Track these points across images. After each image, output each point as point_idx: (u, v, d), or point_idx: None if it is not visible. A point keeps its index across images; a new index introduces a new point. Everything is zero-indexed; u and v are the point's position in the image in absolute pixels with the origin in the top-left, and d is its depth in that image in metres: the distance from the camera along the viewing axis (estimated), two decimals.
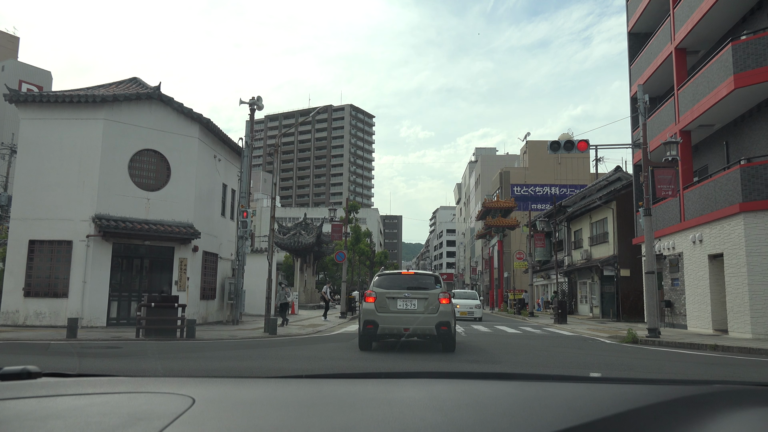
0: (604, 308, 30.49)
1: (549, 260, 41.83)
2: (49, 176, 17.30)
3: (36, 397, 1.20)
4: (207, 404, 1.12)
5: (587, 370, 9.06)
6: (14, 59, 59.60)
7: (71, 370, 1.48)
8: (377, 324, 10.62)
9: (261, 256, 26.31)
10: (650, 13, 23.26)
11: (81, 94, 17.60)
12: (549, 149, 18.96)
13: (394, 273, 11.99)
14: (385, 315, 10.67)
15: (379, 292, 10.89)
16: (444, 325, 10.58)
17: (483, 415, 1.04)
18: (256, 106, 19.52)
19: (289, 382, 1.43)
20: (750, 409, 1.10)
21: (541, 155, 54.84)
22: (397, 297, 10.79)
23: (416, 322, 10.59)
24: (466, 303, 27.67)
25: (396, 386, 1.42)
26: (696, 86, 18.26)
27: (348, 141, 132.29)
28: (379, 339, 11.21)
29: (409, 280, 11.29)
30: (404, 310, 10.72)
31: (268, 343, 13.61)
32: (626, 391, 1.27)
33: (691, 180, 19.63)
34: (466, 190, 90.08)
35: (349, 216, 31.21)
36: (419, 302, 10.76)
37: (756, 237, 15.55)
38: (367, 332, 10.80)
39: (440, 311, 10.67)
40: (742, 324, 15.79)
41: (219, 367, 8.84)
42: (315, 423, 1.01)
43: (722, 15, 18.16)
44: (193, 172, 19.17)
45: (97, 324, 16.91)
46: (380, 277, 11.66)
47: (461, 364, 9.42)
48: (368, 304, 10.86)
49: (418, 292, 10.91)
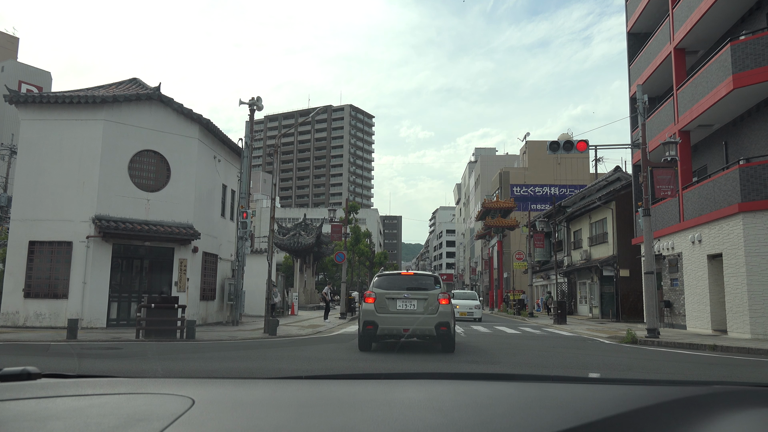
0: (604, 308, 30.49)
1: (548, 261, 41.84)
2: (49, 177, 17.30)
3: (36, 398, 1.20)
4: (207, 405, 1.12)
5: (586, 371, 9.06)
6: (14, 60, 59.59)
7: (71, 371, 1.48)
8: (377, 325, 10.61)
9: (261, 256, 26.31)
10: (649, 13, 23.28)
11: (81, 95, 17.60)
12: (548, 149, 18.96)
13: (393, 273, 12.00)
14: (385, 316, 10.66)
15: (379, 293, 10.87)
16: (443, 326, 10.58)
17: (482, 416, 1.05)
18: (256, 107, 19.51)
19: (288, 383, 1.43)
20: (749, 410, 1.10)
21: (541, 155, 54.87)
22: (397, 298, 10.78)
23: (416, 322, 10.57)
24: (465, 303, 27.63)
25: (396, 387, 1.42)
26: (695, 86, 18.27)
27: (348, 141, 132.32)
28: (379, 340, 11.20)
29: (409, 281, 11.29)
30: (404, 310, 10.70)
31: (268, 344, 13.61)
32: (625, 392, 1.27)
33: (690, 180, 19.64)
34: (466, 191, 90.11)
35: (349, 216, 31.23)
36: (419, 303, 10.74)
37: (755, 237, 15.56)
38: (367, 333, 10.78)
39: (440, 312, 10.66)
40: (742, 324, 15.80)
41: (219, 368, 8.84)
42: (314, 424, 1.01)
43: (721, 15, 18.18)
44: (193, 172, 19.18)
45: (97, 325, 16.90)
46: (380, 278, 11.65)
47: (461, 364, 9.42)
48: (368, 305, 10.84)
49: (418, 292, 10.89)
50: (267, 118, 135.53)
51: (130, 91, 18.75)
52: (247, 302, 23.07)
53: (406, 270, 14.23)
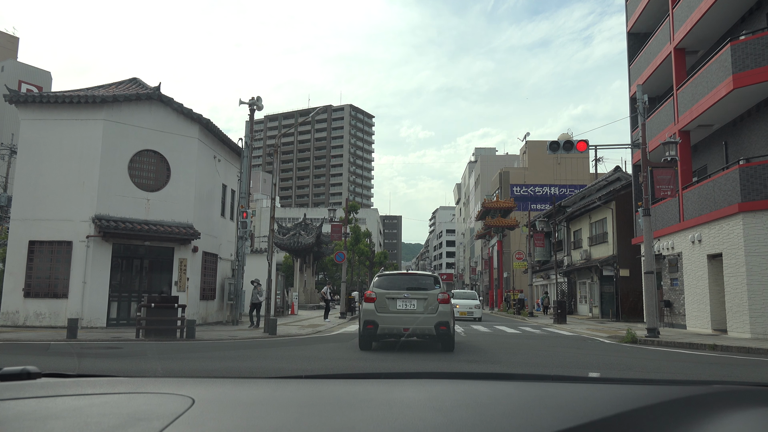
0: (604, 308, 30.49)
1: (548, 260, 41.83)
2: (49, 177, 17.30)
3: (36, 397, 1.20)
4: (207, 405, 1.12)
5: (586, 370, 9.06)
6: (14, 59, 59.56)
7: (71, 371, 1.48)
8: (377, 324, 10.72)
9: (261, 256, 26.30)
10: (649, 13, 23.27)
11: (81, 95, 17.60)
12: (548, 149, 18.96)
13: (393, 273, 12.18)
14: (385, 315, 10.77)
15: (379, 293, 10.96)
16: (443, 325, 10.68)
17: (482, 416, 1.05)
18: (256, 107, 19.52)
19: (288, 383, 1.43)
20: (750, 410, 1.10)
21: (541, 155, 54.86)
22: (397, 297, 10.87)
23: (416, 322, 10.67)
24: (465, 303, 27.63)
25: (395, 387, 1.42)
26: (695, 86, 18.26)
27: (347, 141, 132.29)
28: (379, 339, 11.31)
29: (409, 281, 11.47)
30: (404, 310, 10.80)
31: (268, 344, 13.61)
32: (625, 392, 1.27)
33: (690, 180, 19.64)
34: (466, 191, 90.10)
35: (349, 216, 31.22)
36: (418, 302, 10.83)
37: (755, 237, 15.56)
38: (367, 332, 10.88)
39: (439, 311, 10.76)
40: (741, 324, 15.80)
41: (219, 367, 8.84)
42: (314, 423, 1.01)
43: (721, 15, 18.17)
44: (193, 172, 19.17)
45: (97, 324, 16.90)
46: (380, 278, 11.75)
47: (461, 364, 9.43)
48: (368, 305, 10.94)
49: (418, 292, 10.99)
50: (267, 118, 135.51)
51: (130, 90, 18.74)
52: (247, 302, 23.05)
53: (406, 270, 14.32)
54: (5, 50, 61.02)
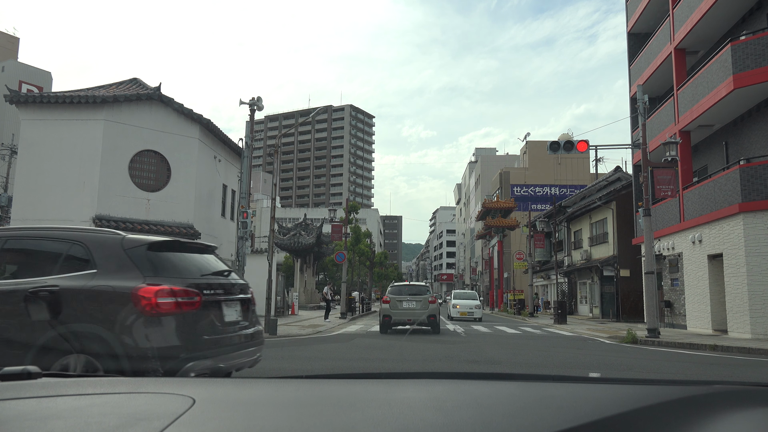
0: (604, 308, 30.48)
1: (549, 261, 41.82)
2: (50, 177, 17.31)
3: (36, 397, 1.20)
4: (207, 405, 1.12)
5: (587, 371, 9.06)
6: (14, 59, 59.58)
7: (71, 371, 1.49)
8: (391, 317, 16.49)
9: (261, 256, 26.29)
10: (650, 13, 23.27)
11: (81, 95, 17.61)
12: (548, 149, 18.96)
13: (401, 284, 18.31)
14: (396, 311, 16.53)
15: (392, 297, 16.77)
16: (432, 317, 16.53)
17: (483, 416, 1.04)
18: (256, 107, 19.50)
19: (289, 383, 1.43)
20: (750, 410, 1.10)
21: (541, 155, 54.81)
22: (403, 300, 16.66)
23: (415, 315, 16.43)
24: (466, 303, 27.43)
25: (396, 386, 1.42)
26: (695, 86, 18.26)
27: (348, 141, 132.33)
28: (393, 326, 16.76)
29: (410, 289, 17.40)
30: (408, 308, 16.53)
31: (269, 344, 13.52)
32: (626, 392, 1.27)
33: (690, 180, 19.63)
34: (466, 191, 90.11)
35: (349, 216, 31.20)
36: (417, 303, 16.57)
37: (755, 237, 15.55)
38: (385, 322, 16.59)
39: (430, 308, 16.58)
40: (742, 324, 15.80)
41: None
42: (315, 423, 1.01)
43: (721, 15, 18.17)
44: (194, 172, 19.18)
45: None
46: (392, 287, 17.62)
47: (461, 364, 9.43)
48: (385, 305, 16.75)
49: (416, 296, 16.75)
50: (267, 118, 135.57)
51: (130, 91, 18.76)
52: None
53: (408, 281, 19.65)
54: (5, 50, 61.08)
